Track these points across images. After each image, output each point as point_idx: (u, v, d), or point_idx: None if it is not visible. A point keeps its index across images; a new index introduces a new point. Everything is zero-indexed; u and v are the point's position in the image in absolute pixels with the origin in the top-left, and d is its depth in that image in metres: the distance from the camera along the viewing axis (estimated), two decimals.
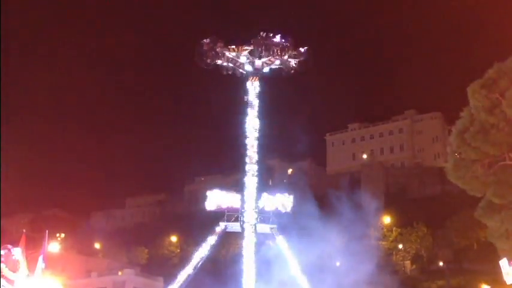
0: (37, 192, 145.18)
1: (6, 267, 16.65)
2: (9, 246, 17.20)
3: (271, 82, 33.89)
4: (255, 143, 36.96)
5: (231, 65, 32.06)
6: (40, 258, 20.20)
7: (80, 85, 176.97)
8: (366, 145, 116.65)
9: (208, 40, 31.06)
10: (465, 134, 28.77)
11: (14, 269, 17.44)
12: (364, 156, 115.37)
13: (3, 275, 16.60)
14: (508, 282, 16.20)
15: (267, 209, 36.92)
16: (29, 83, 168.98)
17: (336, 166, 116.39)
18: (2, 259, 16.51)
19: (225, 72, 32.28)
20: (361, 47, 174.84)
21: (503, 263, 16.33)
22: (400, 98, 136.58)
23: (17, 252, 17.54)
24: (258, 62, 32.46)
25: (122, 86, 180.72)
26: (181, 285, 34.70)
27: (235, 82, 33.10)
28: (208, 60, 31.25)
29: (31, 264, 19.25)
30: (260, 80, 33.17)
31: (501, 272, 22.60)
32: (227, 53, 31.72)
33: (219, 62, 31.56)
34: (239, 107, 33.41)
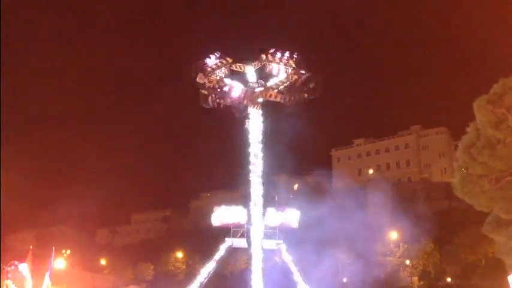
0: (42, 208, 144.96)
1: (13, 283, 16.63)
2: (16, 262, 17.19)
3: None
4: (260, 158, 36.96)
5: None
6: (47, 275, 20.19)
7: (85, 100, 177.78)
8: (372, 160, 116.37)
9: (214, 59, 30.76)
10: (472, 149, 28.69)
11: (21, 285, 17.42)
12: (370, 171, 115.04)
13: None
14: None
15: (273, 224, 36.82)
16: (32, 97, 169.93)
17: (341, 181, 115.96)
18: (9, 275, 16.48)
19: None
20: (367, 61, 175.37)
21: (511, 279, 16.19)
22: (406, 113, 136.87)
23: (24, 268, 17.52)
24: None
25: (128, 99, 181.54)
26: None
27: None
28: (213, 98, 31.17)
29: (37, 280, 19.23)
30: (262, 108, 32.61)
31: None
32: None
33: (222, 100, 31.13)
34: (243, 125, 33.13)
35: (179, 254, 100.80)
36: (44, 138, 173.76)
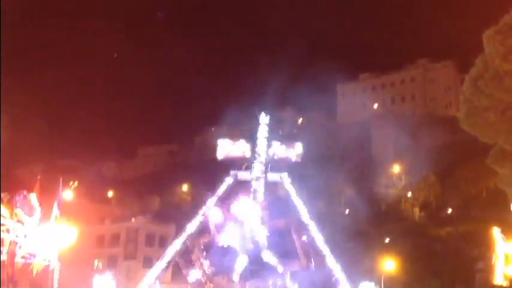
0: (49, 142, 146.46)
1: (22, 211, 16.99)
2: (25, 191, 17.50)
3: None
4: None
5: None
6: (55, 205, 20.54)
7: (93, 35, 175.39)
8: (377, 95, 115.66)
9: None
10: (479, 81, 28.45)
11: (30, 214, 17.79)
12: (375, 106, 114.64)
13: (19, 220, 16.98)
14: None
15: (277, 158, 37.16)
16: (38, 33, 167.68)
17: (346, 116, 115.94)
18: (18, 204, 16.82)
19: None
20: None
21: None
22: (413, 46, 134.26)
23: (32, 198, 17.85)
24: None
25: (133, 36, 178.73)
26: (194, 231, 35.37)
27: None
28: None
29: (46, 210, 19.61)
30: None
31: (510, 219, 22.78)
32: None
33: None
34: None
35: (185, 187, 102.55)
36: (51, 71, 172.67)
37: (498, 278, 15.39)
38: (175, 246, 35.37)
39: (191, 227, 35.46)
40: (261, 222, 33.39)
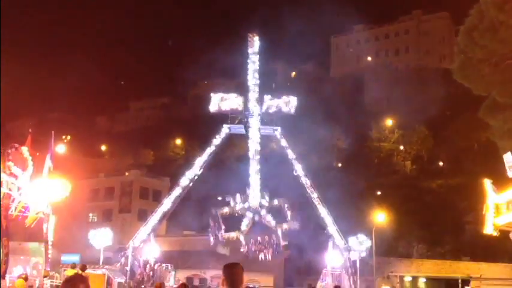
0: (40, 95, 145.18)
1: (14, 165, 16.91)
2: (16, 145, 17.35)
3: None
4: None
5: None
6: (47, 157, 20.45)
7: None
8: (370, 47, 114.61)
9: None
10: (473, 32, 28.11)
11: (23, 168, 17.72)
12: (369, 58, 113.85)
13: (12, 172, 16.92)
14: (511, 176, 16.46)
15: (270, 111, 37.08)
16: None
17: (340, 69, 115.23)
18: (10, 157, 16.71)
19: None
20: None
21: (508, 157, 16.48)
22: None
23: (24, 151, 17.73)
24: None
25: None
26: (187, 184, 35.64)
27: None
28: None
29: (38, 163, 19.51)
30: None
31: (501, 171, 22.94)
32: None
33: None
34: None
35: (178, 141, 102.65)
36: (42, 23, 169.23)
37: (488, 228, 15.64)
38: (169, 200, 35.69)
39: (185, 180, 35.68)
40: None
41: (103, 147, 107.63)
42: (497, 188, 17.12)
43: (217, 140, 38.19)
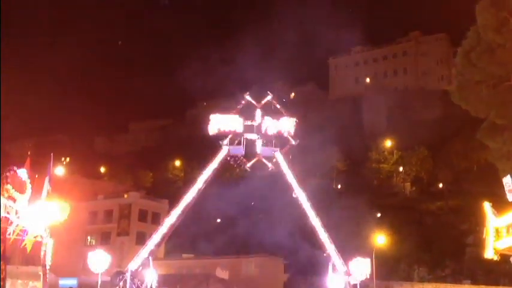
0: (40, 117, 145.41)
1: (12, 188, 16.81)
2: (15, 167, 17.27)
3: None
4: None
5: None
6: (46, 180, 20.35)
7: (84, 10, 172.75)
8: (369, 69, 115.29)
9: None
10: (471, 54, 28.28)
11: (21, 191, 17.62)
12: (367, 80, 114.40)
13: (10, 196, 16.82)
14: (511, 200, 16.35)
15: (269, 132, 37.06)
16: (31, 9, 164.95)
17: (338, 90, 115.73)
18: (8, 180, 16.62)
19: None
20: None
21: (507, 180, 16.40)
22: (405, 19, 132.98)
23: (23, 174, 17.64)
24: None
25: (124, 12, 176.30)
26: (187, 206, 35.41)
27: None
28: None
29: (37, 185, 19.41)
30: None
31: (501, 193, 22.84)
32: None
33: None
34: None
35: (177, 162, 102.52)
36: (42, 47, 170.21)
37: (488, 253, 15.51)
38: (168, 222, 35.40)
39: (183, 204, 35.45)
40: None
41: (102, 169, 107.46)
42: (497, 211, 17.03)
43: (215, 162, 38.05)
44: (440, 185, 79.18)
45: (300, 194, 36.37)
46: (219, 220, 79.05)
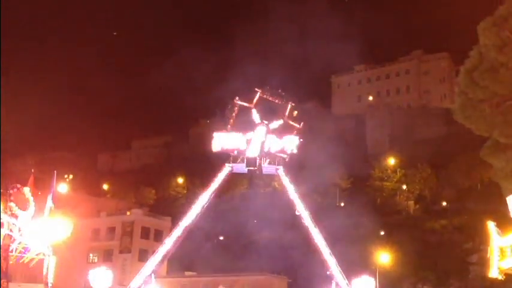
0: (43, 134, 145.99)
1: (16, 205, 16.87)
2: (18, 185, 17.35)
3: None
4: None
5: None
6: (49, 197, 20.40)
7: (87, 26, 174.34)
8: (371, 87, 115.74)
9: None
10: (474, 73, 28.32)
11: (24, 208, 17.67)
12: (370, 98, 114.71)
13: (13, 213, 16.87)
14: None
15: (272, 150, 37.07)
16: (34, 24, 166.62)
17: (341, 108, 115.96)
18: (12, 198, 16.69)
19: None
20: None
21: (511, 199, 16.36)
22: (407, 38, 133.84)
23: (26, 191, 17.71)
24: None
25: (127, 26, 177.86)
26: (189, 224, 35.32)
27: None
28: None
29: (40, 203, 19.47)
30: None
31: (505, 211, 22.78)
32: None
33: None
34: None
35: (180, 179, 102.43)
36: (45, 61, 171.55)
37: (493, 272, 15.41)
38: (170, 240, 35.25)
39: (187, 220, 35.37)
40: None
41: (105, 186, 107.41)
42: (501, 230, 16.97)
43: (218, 180, 38.02)
44: (444, 203, 78.87)
45: (302, 212, 36.28)
46: (221, 238, 78.76)
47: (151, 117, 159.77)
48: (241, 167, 36.97)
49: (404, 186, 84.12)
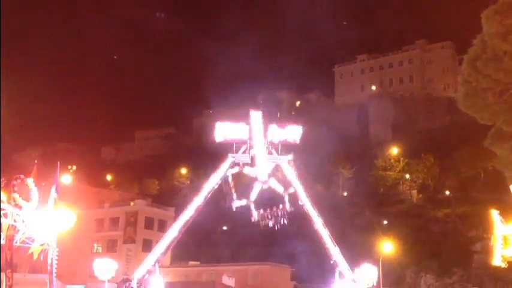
0: (47, 126, 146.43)
1: (19, 196, 16.95)
2: (22, 176, 17.41)
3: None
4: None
5: None
6: (53, 188, 20.46)
7: (91, 19, 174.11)
8: (375, 76, 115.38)
9: None
10: (477, 62, 28.13)
11: (27, 199, 17.74)
12: (373, 87, 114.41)
13: (17, 204, 16.94)
14: None
15: (275, 140, 37.06)
16: (39, 14, 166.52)
17: (344, 98, 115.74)
18: (16, 189, 16.76)
19: None
20: None
21: None
22: (411, 27, 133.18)
23: (30, 182, 17.78)
24: None
25: (132, 21, 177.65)
26: (192, 214, 35.43)
27: None
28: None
29: (44, 194, 19.53)
30: None
31: (508, 200, 22.81)
32: None
33: None
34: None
35: (183, 170, 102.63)
36: (48, 56, 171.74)
37: (496, 260, 15.43)
38: (174, 230, 35.37)
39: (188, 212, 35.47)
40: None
41: (108, 177, 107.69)
42: (505, 219, 16.98)
43: (221, 170, 38.06)
44: (447, 193, 78.86)
45: (305, 201, 36.34)
46: (225, 228, 78.98)
47: (154, 109, 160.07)
48: (244, 157, 36.90)
49: (407, 176, 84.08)
